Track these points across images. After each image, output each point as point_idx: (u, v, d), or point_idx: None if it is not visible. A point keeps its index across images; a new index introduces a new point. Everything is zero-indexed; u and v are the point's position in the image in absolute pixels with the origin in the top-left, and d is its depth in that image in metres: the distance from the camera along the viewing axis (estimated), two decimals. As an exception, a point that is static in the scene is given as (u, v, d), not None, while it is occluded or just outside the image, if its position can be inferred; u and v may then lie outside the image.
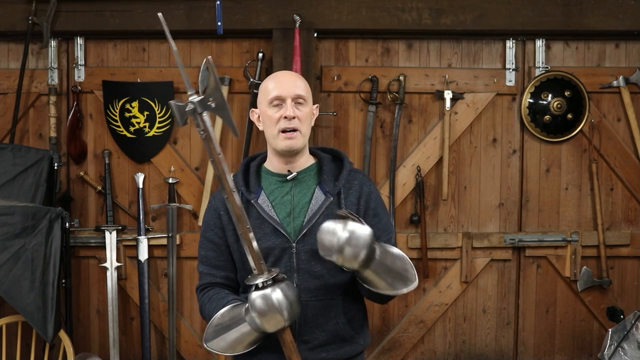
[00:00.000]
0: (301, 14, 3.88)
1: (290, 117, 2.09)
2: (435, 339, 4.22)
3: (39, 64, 4.09)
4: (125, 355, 4.15)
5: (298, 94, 2.12)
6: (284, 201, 2.14)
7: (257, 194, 2.17)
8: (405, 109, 4.11)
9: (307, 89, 2.17)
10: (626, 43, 4.17)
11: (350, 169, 2.19)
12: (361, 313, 2.22)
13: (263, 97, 2.17)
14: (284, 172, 2.17)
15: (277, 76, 2.22)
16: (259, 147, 4.08)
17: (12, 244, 3.44)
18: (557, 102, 4.10)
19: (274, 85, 2.15)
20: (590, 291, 4.19)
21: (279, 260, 2.11)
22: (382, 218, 2.18)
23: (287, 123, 2.10)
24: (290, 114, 2.09)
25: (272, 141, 2.15)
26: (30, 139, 4.11)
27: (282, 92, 2.12)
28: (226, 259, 2.20)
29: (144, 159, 4.13)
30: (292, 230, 2.11)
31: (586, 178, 4.19)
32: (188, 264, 4.15)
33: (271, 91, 2.14)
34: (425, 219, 4.13)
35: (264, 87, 2.18)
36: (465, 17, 3.97)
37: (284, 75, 2.23)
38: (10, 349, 3.74)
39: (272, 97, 2.13)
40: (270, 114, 2.13)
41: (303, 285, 2.09)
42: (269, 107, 2.14)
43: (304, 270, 2.10)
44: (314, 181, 2.17)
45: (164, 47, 4.12)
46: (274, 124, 2.12)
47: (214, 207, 2.22)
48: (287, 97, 2.11)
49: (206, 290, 2.22)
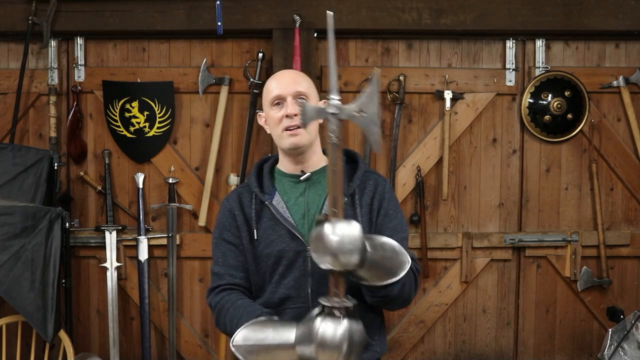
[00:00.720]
0: (301, 14, 3.88)
1: (291, 115, 2.06)
2: (435, 339, 4.22)
3: (39, 64, 4.09)
4: (125, 355, 4.15)
5: (298, 90, 2.09)
6: (298, 203, 2.11)
7: (272, 195, 2.12)
8: (405, 109, 4.11)
9: (308, 85, 2.14)
10: (626, 43, 4.17)
11: (366, 169, 2.16)
12: (378, 319, 2.18)
13: (265, 99, 2.15)
14: (297, 172, 2.14)
15: (277, 76, 2.20)
16: (259, 147, 4.09)
17: (12, 244, 3.44)
18: (557, 102, 4.10)
19: (274, 85, 2.13)
20: (590, 291, 4.19)
21: (292, 263, 2.07)
22: (392, 219, 2.12)
23: (289, 121, 2.07)
24: (291, 111, 2.06)
25: (278, 141, 2.12)
26: (30, 139, 4.11)
27: (281, 91, 2.09)
28: (244, 260, 2.13)
29: (144, 159, 4.13)
30: (306, 233, 2.07)
31: (586, 178, 4.19)
32: (188, 264, 4.15)
33: (272, 91, 2.12)
34: (425, 219, 4.13)
35: (266, 88, 2.16)
36: (465, 17, 3.97)
37: (283, 74, 2.21)
38: (10, 349, 3.74)
39: (272, 97, 2.11)
40: (273, 115, 2.11)
41: (318, 290, 2.03)
42: (271, 108, 2.12)
43: (318, 274, 2.03)
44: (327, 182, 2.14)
45: (163, 47, 4.12)
46: (277, 124, 2.10)
47: (228, 208, 2.17)
48: (287, 96, 2.08)
49: (225, 292, 2.12)
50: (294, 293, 2.07)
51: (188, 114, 4.13)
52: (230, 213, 2.15)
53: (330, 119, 1.67)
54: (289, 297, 2.08)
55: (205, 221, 4.06)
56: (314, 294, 2.05)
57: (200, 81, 4.01)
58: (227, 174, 4.08)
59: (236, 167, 4.09)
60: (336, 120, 1.67)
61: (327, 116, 1.67)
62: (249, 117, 4.00)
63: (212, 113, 4.10)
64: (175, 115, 4.08)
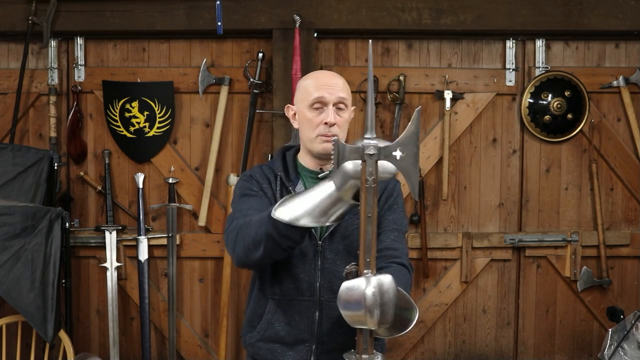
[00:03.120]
0: (301, 14, 3.88)
1: (331, 124, 2.04)
2: (435, 339, 4.22)
3: (39, 64, 4.09)
4: (125, 355, 4.15)
5: (341, 97, 2.07)
6: None
7: (295, 183, 2.12)
8: (405, 109, 4.11)
9: (348, 91, 2.11)
10: (626, 43, 4.17)
11: None
12: None
13: (303, 97, 2.10)
14: (316, 169, 2.13)
15: (319, 76, 2.14)
16: (259, 147, 4.09)
17: (12, 244, 3.44)
18: (557, 102, 4.10)
19: (316, 86, 2.08)
20: (590, 291, 4.19)
21: (304, 256, 2.07)
22: (394, 212, 2.13)
23: (326, 129, 2.05)
24: (332, 120, 2.04)
25: (308, 143, 2.11)
26: (30, 139, 4.11)
27: (325, 95, 2.06)
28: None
29: (144, 159, 4.13)
30: (319, 228, 2.06)
31: (586, 178, 4.19)
32: (188, 264, 4.15)
33: (313, 92, 2.07)
34: (425, 219, 4.13)
35: (305, 86, 2.11)
36: (465, 17, 3.97)
37: (326, 77, 2.14)
38: (10, 349, 3.74)
39: (314, 99, 2.06)
40: (310, 117, 2.07)
41: (326, 286, 2.06)
42: (309, 109, 2.08)
43: (328, 270, 2.06)
44: None
45: (163, 47, 4.12)
46: (313, 127, 2.07)
47: (254, 178, 2.13)
48: (330, 102, 2.05)
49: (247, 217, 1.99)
50: (302, 286, 2.08)
51: (188, 114, 4.13)
52: (256, 181, 2.12)
53: (367, 160, 1.62)
54: (297, 289, 2.09)
55: (205, 221, 4.06)
56: (322, 289, 2.06)
57: (200, 81, 4.01)
58: (227, 174, 4.08)
59: (236, 167, 4.09)
60: (373, 162, 1.61)
61: (364, 158, 1.62)
62: (249, 117, 4.00)
63: (212, 113, 4.10)
64: (175, 115, 4.08)
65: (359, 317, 1.68)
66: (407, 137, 1.64)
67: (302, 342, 2.10)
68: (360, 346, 1.68)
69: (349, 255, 2.02)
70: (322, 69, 4.06)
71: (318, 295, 2.08)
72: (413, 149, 1.63)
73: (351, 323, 1.72)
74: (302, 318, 2.09)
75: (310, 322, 2.09)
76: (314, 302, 2.08)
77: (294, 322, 2.09)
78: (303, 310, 2.09)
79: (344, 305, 1.68)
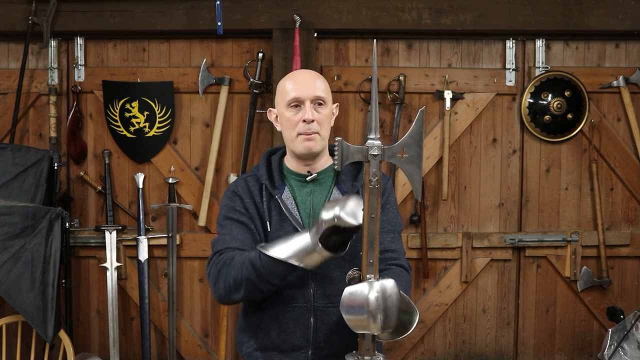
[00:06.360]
0: (301, 14, 3.88)
1: (309, 121, 2.03)
2: (435, 339, 4.22)
3: (39, 64, 4.09)
4: (125, 355, 4.15)
5: (317, 95, 2.05)
6: (305, 201, 2.10)
7: (281, 190, 2.10)
8: (405, 109, 4.11)
9: (326, 89, 2.09)
10: (626, 43, 4.17)
11: None
12: None
13: (281, 98, 2.09)
14: (303, 172, 2.12)
15: (296, 76, 2.14)
16: (259, 147, 4.09)
17: (12, 244, 3.44)
18: (557, 102, 4.10)
19: (292, 86, 2.07)
20: (590, 291, 4.19)
21: None
22: (387, 212, 2.11)
23: (306, 127, 2.03)
24: (309, 117, 2.03)
25: (290, 144, 2.09)
26: (30, 139, 4.11)
27: (300, 93, 2.04)
28: (252, 239, 2.06)
29: (144, 159, 4.13)
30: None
31: (586, 178, 4.19)
32: (188, 264, 4.15)
33: (289, 92, 2.06)
34: (425, 219, 4.13)
35: (282, 87, 2.11)
36: (465, 17, 3.97)
37: (302, 75, 2.14)
38: (10, 349, 3.74)
39: (290, 99, 2.06)
40: (289, 117, 2.06)
41: (320, 291, 2.04)
42: (287, 109, 2.07)
43: (321, 274, 2.03)
44: (332, 181, 2.12)
45: (164, 47, 4.12)
46: (292, 126, 2.05)
47: (237, 194, 2.12)
48: (306, 99, 2.04)
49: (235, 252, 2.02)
50: (295, 292, 2.07)
51: (188, 114, 4.13)
52: (239, 198, 2.11)
53: (371, 161, 1.61)
54: (291, 296, 2.07)
55: (205, 221, 4.06)
56: (316, 295, 2.05)
57: (200, 81, 4.01)
58: (227, 174, 4.08)
59: (236, 167, 4.09)
60: (377, 162, 1.61)
61: (368, 158, 1.61)
62: (249, 117, 4.00)
63: (212, 113, 4.10)
64: (175, 115, 4.08)
65: (361, 322, 1.68)
66: (411, 137, 1.65)
67: (298, 349, 2.08)
68: (362, 348, 1.68)
69: (343, 260, 1.98)
70: (322, 69, 4.06)
71: (312, 302, 2.06)
72: (417, 149, 1.64)
73: (354, 328, 1.72)
74: (297, 325, 2.07)
75: (306, 328, 2.07)
76: (308, 309, 2.06)
77: (289, 329, 2.07)
78: (297, 317, 2.06)
79: (346, 310, 1.69)
